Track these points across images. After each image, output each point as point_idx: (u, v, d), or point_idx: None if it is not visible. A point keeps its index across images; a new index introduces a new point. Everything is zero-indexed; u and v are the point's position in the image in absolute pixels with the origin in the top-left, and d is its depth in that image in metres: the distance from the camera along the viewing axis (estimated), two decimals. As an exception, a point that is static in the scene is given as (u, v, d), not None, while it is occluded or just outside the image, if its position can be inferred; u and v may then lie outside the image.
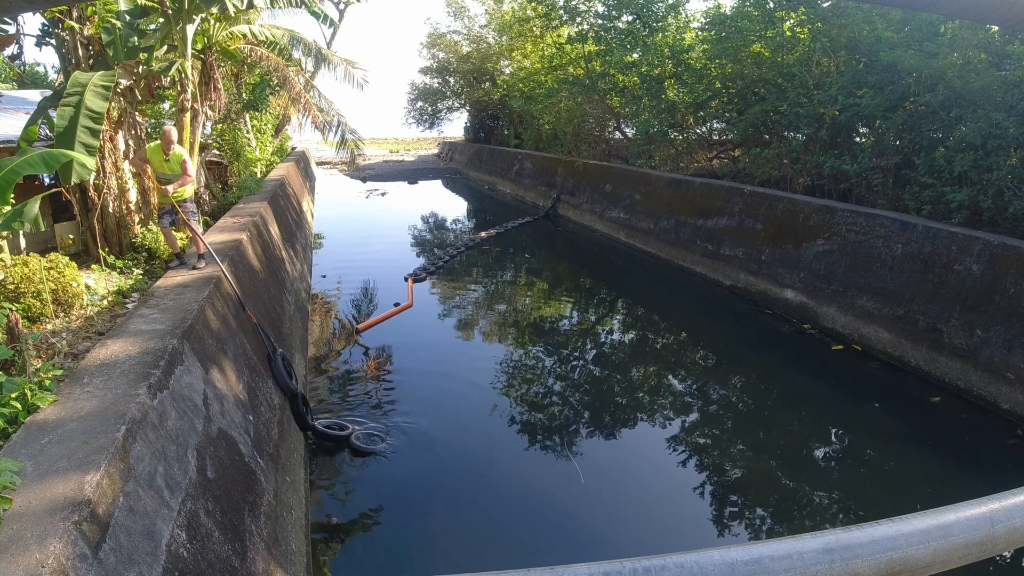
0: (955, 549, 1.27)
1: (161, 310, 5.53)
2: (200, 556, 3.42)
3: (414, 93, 46.83)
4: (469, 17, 41.03)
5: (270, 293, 9.12)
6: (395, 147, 66.38)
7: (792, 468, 6.89)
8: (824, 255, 11.17)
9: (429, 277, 14.91)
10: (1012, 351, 7.71)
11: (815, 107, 13.13)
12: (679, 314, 12.86)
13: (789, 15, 15.22)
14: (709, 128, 20.26)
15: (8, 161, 5.50)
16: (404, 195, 32.88)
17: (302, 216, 18.97)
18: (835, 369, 9.35)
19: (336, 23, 26.75)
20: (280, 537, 4.67)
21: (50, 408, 3.65)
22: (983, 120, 9.66)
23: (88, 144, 7.11)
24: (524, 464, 7.02)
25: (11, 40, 9.25)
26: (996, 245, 8.40)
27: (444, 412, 8.08)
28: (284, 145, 28.01)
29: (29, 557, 2.43)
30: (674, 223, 16.44)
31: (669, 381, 9.40)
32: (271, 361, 6.98)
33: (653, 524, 6.05)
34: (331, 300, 13.26)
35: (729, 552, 1.16)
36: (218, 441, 4.53)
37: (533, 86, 29.50)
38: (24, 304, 7.18)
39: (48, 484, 2.89)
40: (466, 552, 5.51)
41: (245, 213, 11.32)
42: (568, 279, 16.19)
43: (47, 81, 27.50)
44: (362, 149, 19.63)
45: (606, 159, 23.99)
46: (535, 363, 10.04)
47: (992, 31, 10.48)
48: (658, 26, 21.50)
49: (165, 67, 10.02)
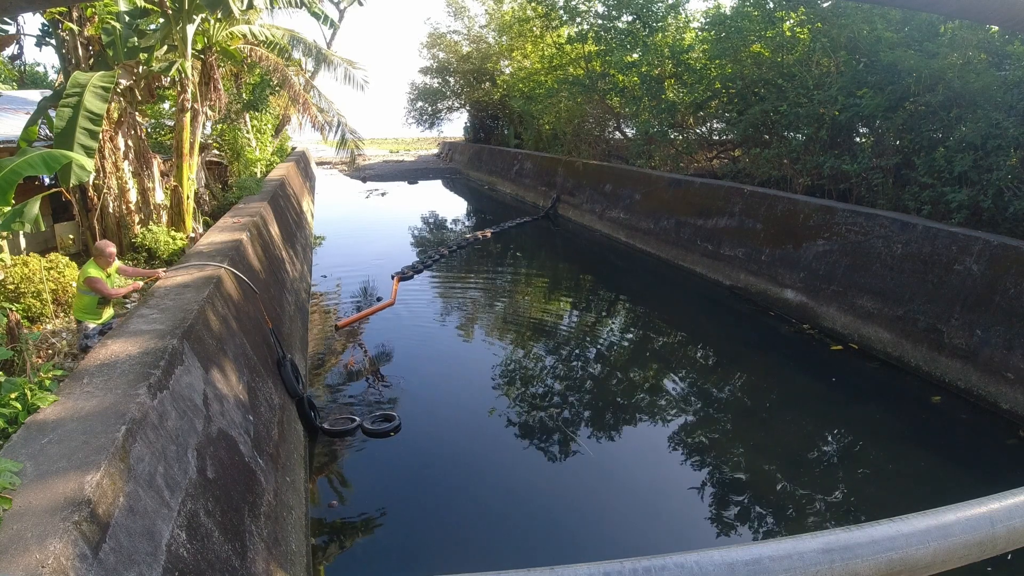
0: (955, 549, 1.27)
1: (161, 310, 5.53)
2: (200, 556, 3.42)
3: (414, 93, 46.84)
4: (469, 17, 41.07)
5: (270, 293, 9.12)
6: (395, 147, 66.37)
7: (792, 468, 6.88)
8: (824, 255, 11.17)
9: (417, 276, 14.93)
10: (1012, 351, 7.71)
11: (815, 107, 13.13)
12: (679, 314, 12.85)
13: (789, 15, 15.22)
14: (709, 128, 20.27)
15: (8, 161, 5.50)
16: (404, 195, 32.88)
17: (302, 216, 18.97)
18: (835, 369, 9.34)
19: (336, 23, 26.78)
20: (280, 537, 4.67)
21: (50, 408, 3.65)
22: (983, 120, 9.66)
23: (87, 146, 7.12)
24: (523, 463, 7.01)
25: (11, 40, 9.25)
26: (996, 245, 8.40)
27: (444, 411, 8.08)
28: (284, 145, 28.02)
29: (29, 557, 2.43)
30: (674, 223, 16.44)
31: (669, 381, 9.39)
32: (280, 366, 7.05)
33: (653, 524, 6.05)
34: (331, 300, 13.26)
35: (729, 552, 1.16)
36: (218, 441, 4.53)
37: (533, 86, 29.50)
38: (24, 304, 7.18)
39: (48, 484, 2.89)
40: (466, 552, 5.51)
41: (245, 213, 11.32)
42: (568, 279, 16.19)
43: (47, 81, 27.51)
44: (362, 149, 19.63)
45: (606, 159, 23.99)
46: (534, 362, 10.03)
47: (992, 31, 10.47)
48: (658, 26, 21.50)
49: (165, 67, 10.03)
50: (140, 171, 10.68)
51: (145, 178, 10.78)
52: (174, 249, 9.92)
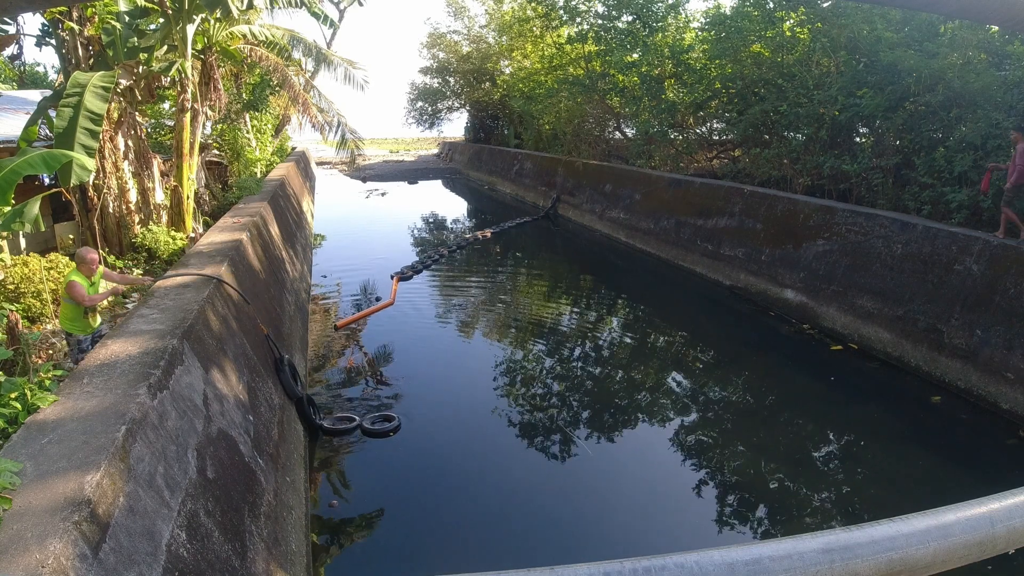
0: (955, 549, 1.27)
1: (161, 310, 5.53)
2: (200, 556, 3.42)
3: (414, 93, 46.84)
4: (469, 17, 41.08)
5: (270, 293, 9.12)
6: (395, 147, 66.35)
7: (792, 468, 6.88)
8: (824, 255, 11.17)
9: (416, 276, 14.93)
10: (1012, 351, 7.71)
11: (815, 107, 13.13)
12: (679, 314, 12.85)
13: (789, 15, 15.22)
14: (709, 128, 20.28)
15: (8, 161, 5.50)
16: (404, 195, 32.88)
17: (302, 216, 18.97)
18: (835, 369, 9.34)
19: (336, 23, 26.77)
20: (280, 537, 4.67)
21: (50, 408, 3.65)
22: (983, 120, 9.66)
23: (87, 145, 7.12)
24: (523, 463, 7.01)
25: (11, 40, 9.25)
26: (996, 245, 8.40)
27: (443, 411, 8.08)
28: (284, 145, 28.02)
29: (29, 557, 2.43)
30: (674, 223, 16.44)
31: (669, 381, 9.39)
32: (279, 369, 7.06)
33: (653, 524, 6.05)
34: (331, 300, 13.26)
35: (729, 552, 1.16)
36: (218, 441, 4.53)
37: (533, 86, 29.50)
38: (24, 304, 7.18)
39: (48, 484, 2.89)
40: (466, 552, 5.51)
41: (245, 213, 11.32)
42: (568, 279, 16.19)
43: (47, 81, 27.50)
44: (362, 149, 19.64)
45: (606, 159, 23.99)
46: (534, 362, 10.03)
47: (992, 31, 10.48)
48: (658, 26, 21.50)
49: (165, 67, 10.03)
50: (140, 171, 10.68)
51: (145, 178, 10.78)
52: (174, 249, 9.92)
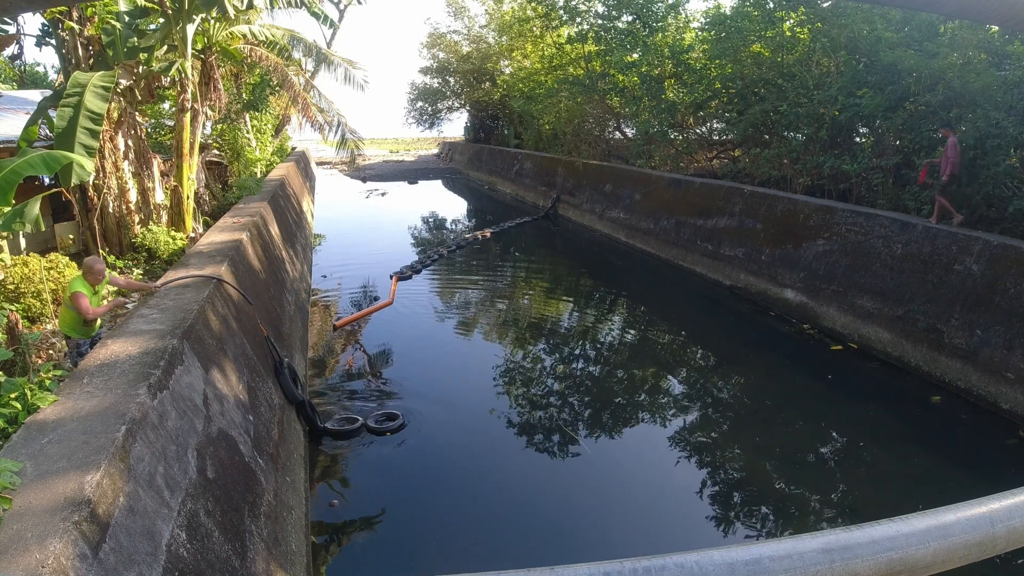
0: (955, 549, 1.27)
1: (161, 310, 5.52)
2: (200, 556, 3.42)
3: (414, 93, 46.84)
4: (469, 17, 41.07)
5: (270, 293, 9.12)
6: (395, 147, 66.34)
7: (792, 468, 6.88)
8: (824, 255, 11.17)
9: (415, 276, 14.93)
10: (1012, 351, 7.71)
11: (815, 107, 13.13)
12: (679, 314, 12.85)
13: (789, 15, 15.22)
14: (709, 128, 20.27)
15: (8, 162, 5.50)
16: (404, 195, 32.88)
17: (302, 216, 18.97)
18: (835, 369, 9.34)
19: (336, 23, 26.76)
20: (280, 537, 4.67)
21: (50, 408, 3.65)
22: (983, 120, 9.66)
23: (88, 145, 7.12)
24: (524, 463, 7.01)
25: (11, 40, 9.25)
26: (996, 245, 8.40)
27: (443, 411, 8.07)
28: (284, 145, 28.02)
29: (29, 557, 2.43)
30: (674, 223, 16.44)
31: (669, 381, 9.39)
32: (279, 373, 7.05)
33: (653, 524, 6.05)
34: (331, 300, 13.27)
35: (729, 552, 1.16)
36: (218, 441, 4.53)
37: (533, 86, 29.50)
38: (24, 304, 7.18)
39: (48, 484, 2.89)
40: (466, 552, 5.51)
41: (245, 213, 11.32)
42: (568, 279, 16.19)
43: (47, 81, 27.49)
44: (362, 149, 19.64)
45: (606, 159, 23.99)
46: (534, 362, 10.03)
47: (992, 31, 10.47)
48: (658, 26, 21.50)
49: (165, 67, 10.03)
50: (140, 171, 10.68)
51: (145, 178, 10.78)
52: (174, 249, 9.92)
